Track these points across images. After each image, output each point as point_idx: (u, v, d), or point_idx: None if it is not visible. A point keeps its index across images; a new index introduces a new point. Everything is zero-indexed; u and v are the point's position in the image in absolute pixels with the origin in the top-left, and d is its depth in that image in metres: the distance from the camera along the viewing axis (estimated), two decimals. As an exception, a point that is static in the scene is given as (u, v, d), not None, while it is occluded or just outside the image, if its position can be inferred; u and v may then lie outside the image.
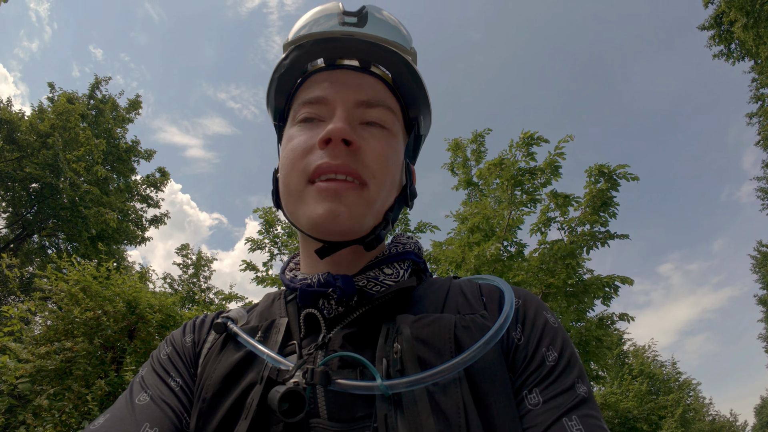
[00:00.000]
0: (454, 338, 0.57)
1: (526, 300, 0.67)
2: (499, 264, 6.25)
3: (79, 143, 14.22)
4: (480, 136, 8.29)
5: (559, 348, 0.60)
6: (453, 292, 0.69)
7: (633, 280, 6.66)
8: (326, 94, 0.69)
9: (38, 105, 14.79)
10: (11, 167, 13.01)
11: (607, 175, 6.43)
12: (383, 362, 0.56)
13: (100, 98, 16.83)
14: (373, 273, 0.69)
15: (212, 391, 0.60)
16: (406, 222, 7.82)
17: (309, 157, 0.66)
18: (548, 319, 0.64)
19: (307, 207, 0.66)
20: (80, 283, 5.41)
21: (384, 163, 0.68)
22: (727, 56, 14.45)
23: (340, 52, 0.71)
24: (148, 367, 0.70)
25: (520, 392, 0.56)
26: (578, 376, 0.57)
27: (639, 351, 23.38)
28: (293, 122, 0.72)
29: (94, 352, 5.01)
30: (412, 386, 0.52)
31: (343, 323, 0.65)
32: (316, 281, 0.66)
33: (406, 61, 0.73)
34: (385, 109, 0.71)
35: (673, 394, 21.25)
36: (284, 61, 0.73)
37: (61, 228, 14.15)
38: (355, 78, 0.71)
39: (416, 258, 0.75)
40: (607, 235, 6.50)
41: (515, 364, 0.59)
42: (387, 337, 0.59)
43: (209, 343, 0.70)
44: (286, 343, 0.65)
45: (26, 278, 11.72)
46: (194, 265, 18.04)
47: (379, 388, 0.52)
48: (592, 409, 0.55)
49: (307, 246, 0.74)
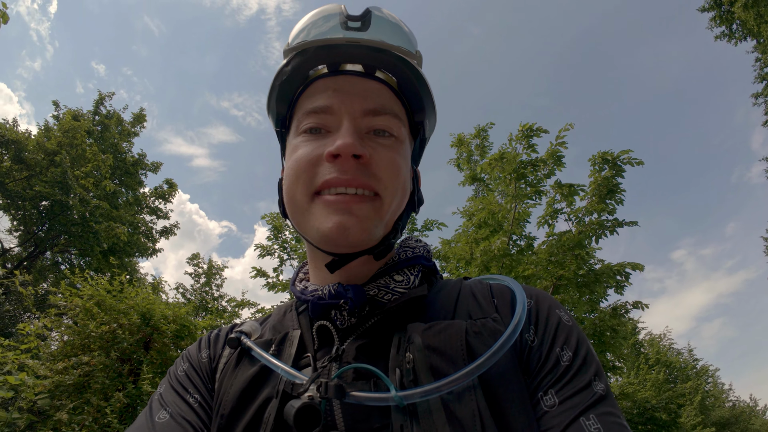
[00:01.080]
0: (466, 345, 0.57)
1: (539, 299, 0.66)
2: (507, 258, 6.22)
3: (86, 159, 14.39)
4: (483, 130, 8.26)
5: (573, 347, 0.59)
6: (464, 295, 0.68)
7: (644, 266, 6.59)
8: (331, 104, 0.67)
9: (44, 124, 15.01)
10: (21, 186, 13.20)
11: (611, 162, 6.36)
12: (396, 372, 0.56)
13: (104, 114, 17.03)
14: (384, 281, 0.68)
15: (230, 407, 0.61)
16: (412, 221, 7.82)
17: (316, 170, 0.65)
18: (561, 317, 0.63)
19: (314, 220, 0.65)
20: (94, 297, 5.48)
21: (395, 172, 0.67)
22: (729, 37, 14.29)
23: (343, 58, 0.69)
24: (166, 384, 0.70)
25: (536, 394, 0.56)
26: (595, 374, 0.56)
27: (655, 340, 23.18)
28: (297, 132, 0.70)
29: (111, 365, 5.07)
30: (426, 396, 0.52)
31: (356, 334, 0.64)
32: (327, 293, 0.66)
33: (411, 66, 0.71)
34: (391, 116, 0.70)
35: (691, 382, 21.05)
36: (285, 68, 0.71)
37: (73, 244, 14.34)
38: (360, 84, 0.69)
39: (426, 262, 0.74)
40: (615, 223, 6.44)
41: (530, 366, 0.58)
42: (399, 347, 0.59)
43: (225, 358, 0.71)
44: (301, 355, 0.65)
45: (41, 295, 11.89)
46: (206, 274, 18.18)
47: (393, 399, 0.52)
48: (610, 407, 0.54)
49: (315, 256, 0.73)
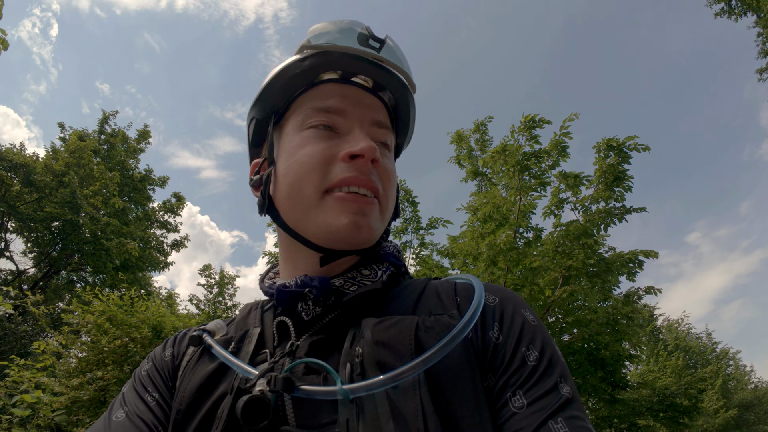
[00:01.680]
0: (416, 340, 0.56)
1: (504, 298, 0.65)
2: (514, 252, 6.17)
3: (94, 178, 14.59)
4: (482, 124, 8.22)
5: (539, 347, 0.59)
6: (427, 293, 0.68)
7: (657, 253, 6.50)
8: (345, 107, 0.70)
9: (51, 146, 15.25)
10: (32, 209, 13.42)
11: (617, 148, 6.27)
12: (347, 367, 0.56)
13: (109, 132, 17.26)
14: (351, 274, 0.69)
15: (186, 402, 0.61)
16: (417, 220, 7.80)
17: (330, 167, 0.66)
18: (527, 317, 0.63)
19: (326, 215, 0.65)
20: (105, 313, 5.54)
21: (392, 182, 0.73)
22: (729, 13, 14.06)
23: (358, 70, 0.72)
24: (130, 385, 0.71)
25: (503, 394, 0.55)
26: (561, 376, 0.56)
27: (672, 325, 22.90)
28: (303, 126, 0.70)
29: (126, 379, 5.12)
30: (370, 390, 0.51)
31: (312, 330, 0.65)
32: (293, 283, 0.67)
33: (409, 93, 0.77)
34: (389, 132, 0.75)
35: (711, 366, 20.76)
36: (302, 62, 0.71)
37: (87, 262, 14.55)
38: (367, 98, 0.73)
39: (395, 260, 0.75)
40: (623, 210, 6.35)
41: (494, 363, 0.58)
42: (352, 341, 0.59)
43: (188, 356, 0.71)
44: (258, 352, 0.65)
45: (56, 314, 12.07)
46: (218, 284, 18.30)
47: (339, 392, 0.52)
48: (577, 410, 0.53)
49: (295, 254, 0.73)
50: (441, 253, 7.68)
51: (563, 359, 0.60)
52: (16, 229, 14.39)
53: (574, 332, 6.98)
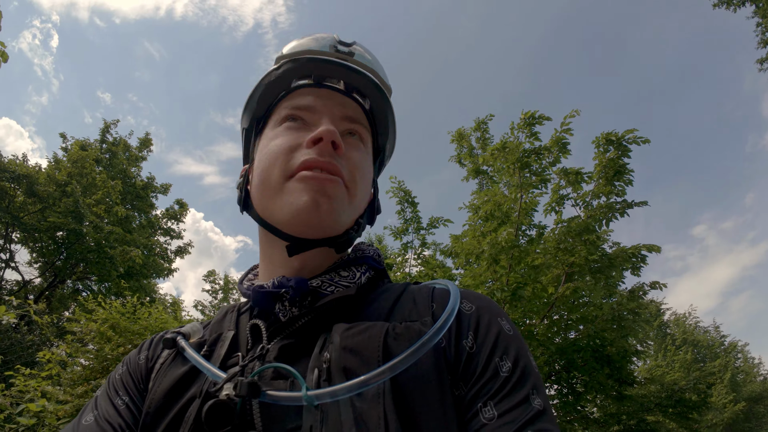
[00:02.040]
0: (384, 347, 0.55)
1: (480, 306, 0.65)
2: (515, 249, 6.14)
3: (96, 187, 14.65)
4: (483, 123, 8.20)
5: (513, 357, 0.58)
6: (404, 298, 0.68)
7: (660, 248, 6.45)
8: (314, 104, 0.73)
9: (53, 156, 15.33)
10: (35, 219, 13.48)
11: (616, 142, 6.24)
12: (315, 372, 0.55)
13: (111, 141, 17.34)
14: (329, 275, 0.69)
15: (155, 405, 0.61)
16: (417, 220, 7.76)
17: (294, 154, 0.68)
18: (503, 326, 0.62)
19: (288, 195, 0.66)
20: (108, 321, 5.56)
21: (361, 172, 0.73)
22: (728, 4, 13.95)
23: (330, 73, 0.76)
24: (103, 389, 0.71)
25: (474, 404, 0.54)
26: (533, 387, 0.55)
27: (680, 319, 22.76)
28: (276, 124, 0.74)
29: (130, 387, 5.13)
30: (336, 397, 0.51)
31: (284, 333, 0.64)
32: (270, 284, 0.67)
33: (384, 94, 0.79)
34: (362, 127, 0.77)
35: (720, 359, 20.61)
36: (276, 71, 0.77)
37: (91, 270, 14.60)
38: (339, 98, 0.75)
39: (374, 263, 0.75)
40: (624, 204, 6.30)
41: (466, 373, 0.57)
42: (323, 346, 0.59)
43: (162, 359, 0.71)
44: (230, 355, 0.65)
45: (61, 323, 12.11)
46: (222, 290, 18.35)
47: (303, 398, 0.51)
48: (548, 422, 0.53)
49: (271, 248, 0.73)
50: (444, 253, 7.65)
51: (537, 370, 0.59)
52: (20, 239, 14.46)
53: (579, 329, 6.93)
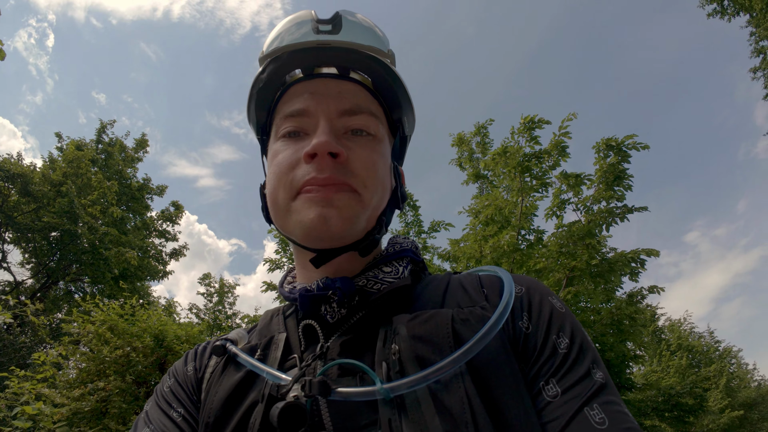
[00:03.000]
0: (453, 332, 0.55)
1: (530, 287, 0.65)
2: (517, 253, 6.15)
3: (92, 188, 14.52)
4: (483, 127, 8.25)
5: (569, 334, 0.58)
6: (452, 287, 0.67)
7: (659, 252, 6.48)
8: (307, 106, 0.68)
9: (48, 156, 15.20)
10: (29, 219, 13.35)
11: (616, 147, 6.28)
12: (383, 365, 0.55)
13: (107, 142, 17.23)
14: (372, 273, 0.68)
15: (215, 414, 0.60)
16: (419, 224, 7.78)
17: (295, 172, 0.65)
18: (555, 304, 0.62)
19: (296, 214, 0.64)
20: (107, 322, 5.48)
21: (372, 169, 0.68)
22: (722, 13, 14.12)
23: (317, 61, 0.70)
24: (152, 402, 0.69)
25: (536, 383, 0.54)
26: (593, 362, 0.55)
27: (675, 325, 22.87)
28: (276, 137, 0.71)
29: (128, 389, 5.06)
30: (412, 387, 0.50)
31: (341, 330, 0.63)
32: (315, 286, 0.65)
33: (384, 65, 0.71)
34: (368, 115, 0.70)
35: (715, 365, 20.73)
36: (261, 75, 0.72)
37: (85, 272, 14.46)
38: (335, 86, 0.70)
39: (414, 256, 0.74)
40: (625, 209, 6.34)
41: (526, 353, 0.57)
42: (385, 339, 0.58)
43: (211, 368, 0.70)
44: (286, 357, 0.64)
45: (55, 325, 11.96)
46: (218, 293, 18.20)
47: (379, 392, 0.51)
48: (611, 395, 0.53)
49: (301, 257, 0.73)
50: (442, 257, 7.65)
51: (593, 345, 0.59)
52: (13, 239, 14.29)
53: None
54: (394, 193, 0.75)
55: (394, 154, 0.79)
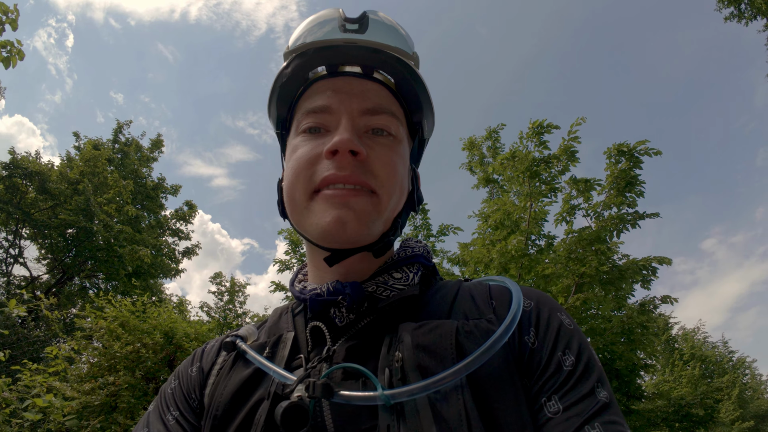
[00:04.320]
0: (456, 344, 0.56)
1: (539, 302, 0.64)
2: (526, 259, 6.11)
3: (108, 186, 14.80)
4: (494, 132, 8.22)
5: (576, 351, 0.58)
6: (462, 296, 0.67)
7: (671, 260, 6.38)
8: (330, 103, 0.68)
9: (66, 154, 15.53)
10: (46, 216, 13.64)
11: (628, 153, 6.21)
12: (386, 372, 0.56)
13: (123, 141, 17.53)
14: (383, 278, 0.68)
15: (222, 408, 0.62)
16: (428, 227, 7.77)
17: (315, 167, 0.66)
18: (563, 321, 0.62)
19: (314, 216, 0.65)
20: (118, 318, 5.58)
21: (392, 171, 0.67)
22: (739, 17, 13.83)
23: (342, 59, 0.70)
24: (155, 403, 0.72)
25: (539, 399, 0.54)
26: (598, 380, 0.55)
27: (688, 334, 22.46)
28: (297, 132, 0.71)
29: (137, 384, 5.14)
30: (413, 395, 0.51)
31: (348, 334, 0.64)
32: (325, 290, 0.66)
33: (408, 67, 0.71)
34: (389, 115, 0.70)
35: (728, 375, 20.29)
36: (285, 70, 0.72)
37: (99, 268, 14.71)
38: (359, 85, 0.70)
39: (425, 261, 0.74)
40: (636, 215, 6.25)
41: (530, 368, 0.57)
42: (390, 346, 0.59)
43: (219, 364, 0.72)
44: (293, 357, 0.65)
45: (69, 320, 12.17)
46: (228, 292, 18.35)
47: (380, 398, 0.52)
48: (614, 415, 0.52)
49: (314, 255, 0.73)
50: (451, 261, 7.63)
51: (600, 363, 0.59)
52: (30, 235, 14.60)
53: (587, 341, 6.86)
54: (410, 196, 0.75)
55: (412, 156, 0.78)
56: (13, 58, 4.20)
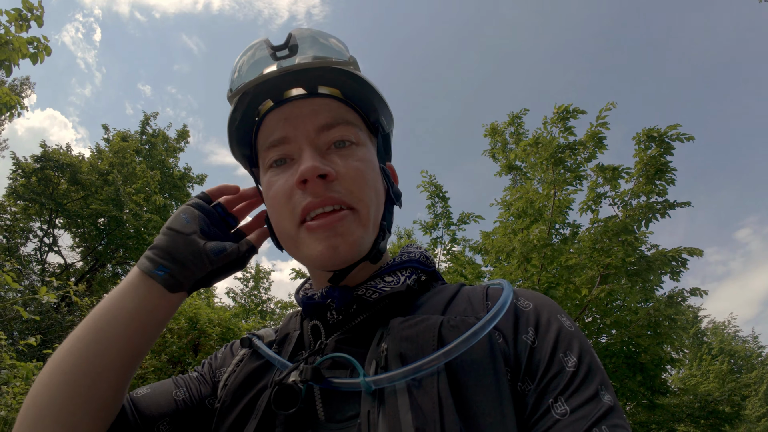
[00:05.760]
0: (438, 335, 0.58)
1: (538, 304, 0.65)
2: (548, 248, 5.97)
3: (136, 177, 15.20)
4: (517, 117, 8.01)
5: (577, 353, 0.58)
6: (459, 298, 0.69)
7: (702, 251, 6.12)
8: (286, 133, 0.70)
9: (96, 146, 16.00)
10: (79, 206, 14.11)
11: (658, 139, 5.93)
12: (373, 363, 0.59)
13: (150, 133, 17.94)
14: (374, 282, 0.72)
15: (231, 393, 0.69)
16: (448, 215, 7.66)
17: (293, 200, 0.67)
18: (563, 323, 0.62)
19: (306, 248, 0.67)
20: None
21: (363, 181, 0.69)
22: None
23: (283, 87, 0.71)
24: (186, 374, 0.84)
25: (544, 400, 0.54)
26: (601, 383, 0.55)
27: (718, 328, 21.81)
28: (265, 168, 0.73)
29: (163, 368, 5.30)
30: (392, 381, 0.53)
31: (341, 330, 0.70)
32: (319, 295, 0.72)
33: (348, 72, 0.72)
34: (345, 125, 0.71)
35: (756, 371, 19.66)
36: (234, 114, 0.74)
37: (130, 256, 15.24)
38: (307, 106, 0.71)
39: (420, 266, 0.76)
40: (666, 204, 5.99)
41: (531, 367, 0.57)
42: (380, 339, 0.63)
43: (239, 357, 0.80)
44: (297, 352, 0.73)
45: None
46: (254, 278, 18.71)
47: (361, 384, 0.55)
48: (619, 419, 0.52)
49: (312, 270, 0.79)
50: (474, 249, 7.54)
51: (602, 367, 0.58)
52: (64, 225, 15.15)
53: (612, 334, 6.69)
54: (387, 193, 0.77)
55: (379, 154, 0.80)
56: (41, 54, 4.28)
